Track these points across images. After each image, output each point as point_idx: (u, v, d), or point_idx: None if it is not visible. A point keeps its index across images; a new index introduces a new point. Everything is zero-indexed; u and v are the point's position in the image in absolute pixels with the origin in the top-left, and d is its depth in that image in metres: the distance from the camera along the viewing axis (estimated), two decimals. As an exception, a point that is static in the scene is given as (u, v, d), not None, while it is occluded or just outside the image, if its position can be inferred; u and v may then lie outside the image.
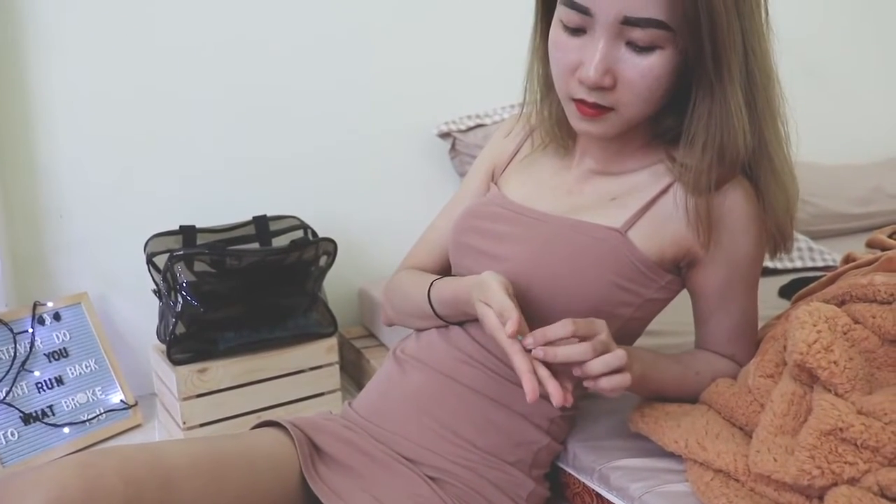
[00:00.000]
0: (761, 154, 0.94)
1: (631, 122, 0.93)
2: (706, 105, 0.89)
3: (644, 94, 0.89)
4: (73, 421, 1.59)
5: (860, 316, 0.92)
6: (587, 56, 0.88)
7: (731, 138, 0.89)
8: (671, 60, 0.87)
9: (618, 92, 0.89)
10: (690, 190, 0.94)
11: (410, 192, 2.06)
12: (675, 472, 0.95)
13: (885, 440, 0.78)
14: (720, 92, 0.88)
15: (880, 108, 2.73)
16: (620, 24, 0.85)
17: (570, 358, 0.84)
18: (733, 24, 0.85)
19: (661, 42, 0.86)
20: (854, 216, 2.28)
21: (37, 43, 1.64)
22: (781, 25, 0.94)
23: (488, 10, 2.04)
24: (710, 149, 0.90)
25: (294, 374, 1.66)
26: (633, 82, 0.88)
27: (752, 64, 0.88)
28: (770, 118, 0.93)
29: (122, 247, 1.75)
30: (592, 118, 0.92)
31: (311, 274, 1.67)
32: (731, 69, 0.86)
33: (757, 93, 0.90)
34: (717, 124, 0.89)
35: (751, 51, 0.88)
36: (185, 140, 1.81)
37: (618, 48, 0.87)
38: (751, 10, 0.87)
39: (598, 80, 0.87)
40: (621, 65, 0.87)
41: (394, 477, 0.96)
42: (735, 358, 1.05)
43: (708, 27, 0.84)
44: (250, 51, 1.84)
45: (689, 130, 0.92)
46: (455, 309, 1.01)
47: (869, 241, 1.48)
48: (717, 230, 0.96)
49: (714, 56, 0.86)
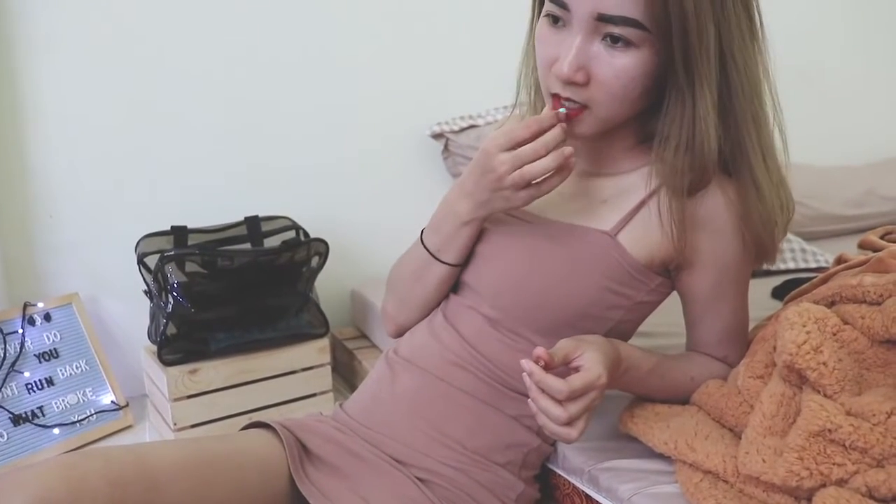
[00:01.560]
0: (741, 163, 0.93)
1: (607, 121, 0.93)
2: (678, 108, 0.89)
3: (618, 94, 0.89)
4: (63, 422, 1.59)
5: (849, 317, 0.92)
6: (563, 51, 0.89)
7: (700, 143, 0.89)
8: (647, 61, 0.87)
9: (591, 89, 0.89)
10: (666, 191, 0.93)
11: (403, 193, 2.05)
12: (665, 473, 0.95)
13: (873, 441, 0.78)
14: (689, 96, 0.88)
15: (874, 110, 2.73)
16: (596, 21, 0.86)
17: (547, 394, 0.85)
18: (706, 30, 0.84)
19: (636, 41, 0.86)
20: (847, 218, 2.28)
21: (28, 46, 1.64)
22: (774, 27, 0.94)
23: (481, 11, 2.04)
24: (682, 151, 0.90)
25: (286, 375, 1.65)
26: (606, 81, 0.88)
27: (732, 71, 0.88)
28: (752, 128, 0.91)
29: (113, 247, 1.74)
30: (568, 119, 0.92)
31: (302, 275, 1.67)
32: (701, 74, 0.86)
33: (735, 101, 0.89)
34: (687, 128, 0.89)
35: (730, 58, 0.87)
36: (176, 140, 1.80)
37: (594, 45, 0.88)
38: (729, 17, 0.86)
39: (570, 76, 0.88)
40: (596, 62, 0.88)
41: (382, 478, 0.96)
42: (727, 360, 1.05)
43: (679, 30, 0.84)
44: (242, 53, 1.84)
45: (663, 132, 0.92)
46: (448, 222, 1.00)
47: (861, 242, 1.48)
48: (701, 233, 0.96)
49: (684, 59, 0.86)
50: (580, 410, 0.84)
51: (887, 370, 0.87)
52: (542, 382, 0.83)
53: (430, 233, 1.04)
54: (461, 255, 1.02)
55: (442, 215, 1.02)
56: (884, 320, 0.88)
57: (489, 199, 0.94)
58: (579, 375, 0.85)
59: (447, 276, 1.04)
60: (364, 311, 1.91)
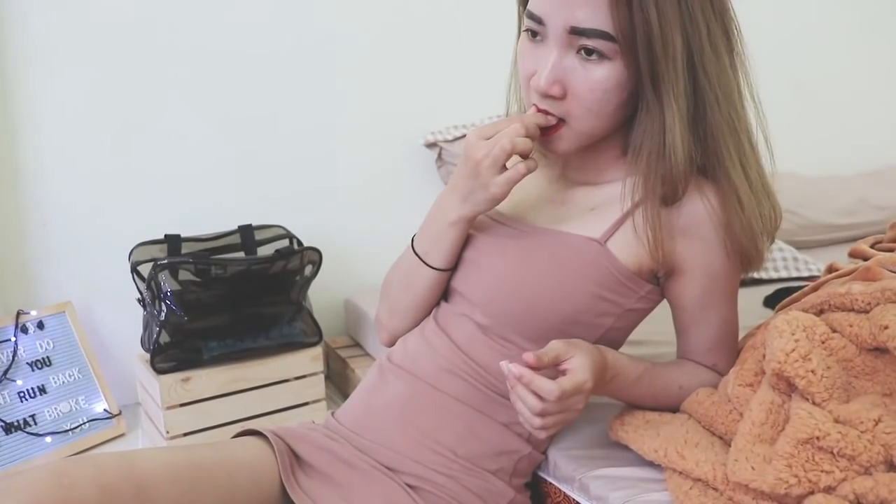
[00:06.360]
0: (719, 172, 0.94)
1: (585, 135, 0.94)
2: (648, 119, 0.91)
3: (594, 108, 0.91)
4: (55, 430, 1.58)
5: (838, 325, 0.92)
6: (541, 65, 0.91)
7: (668, 154, 0.90)
8: (620, 73, 0.89)
9: (568, 102, 0.91)
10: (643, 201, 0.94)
11: (397, 202, 2.06)
12: (656, 480, 0.95)
13: (861, 449, 0.78)
14: (657, 107, 0.89)
15: (867, 118, 2.75)
16: (569, 34, 0.88)
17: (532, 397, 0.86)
18: (672, 41, 0.85)
19: (609, 53, 0.87)
20: (839, 227, 2.28)
21: (22, 53, 1.64)
22: (766, 37, 0.95)
23: (474, 21, 2.05)
24: (653, 161, 0.91)
25: (279, 384, 1.65)
26: (581, 95, 0.90)
27: (703, 82, 0.89)
28: (729, 138, 0.92)
29: (106, 255, 1.75)
30: (548, 136, 0.94)
31: (295, 283, 1.67)
32: (668, 85, 0.87)
33: (708, 111, 0.90)
34: (657, 139, 0.90)
35: (700, 69, 0.88)
36: (171, 149, 1.80)
37: (570, 58, 0.90)
38: (699, 29, 0.87)
39: (546, 89, 0.90)
40: (571, 75, 0.90)
41: (373, 485, 0.96)
42: (717, 368, 1.05)
43: (644, 41, 0.85)
44: (237, 61, 1.84)
45: (636, 142, 0.94)
46: (436, 222, 1.01)
47: (851, 251, 1.48)
48: (685, 241, 0.96)
49: (651, 71, 0.87)
50: (559, 410, 0.87)
51: (875, 378, 0.88)
52: (532, 384, 0.85)
53: (419, 236, 1.06)
54: (448, 259, 1.03)
55: (431, 217, 1.04)
56: (871, 328, 0.88)
57: (471, 189, 0.96)
58: (568, 378, 0.86)
59: (436, 282, 1.05)
60: (357, 320, 1.91)
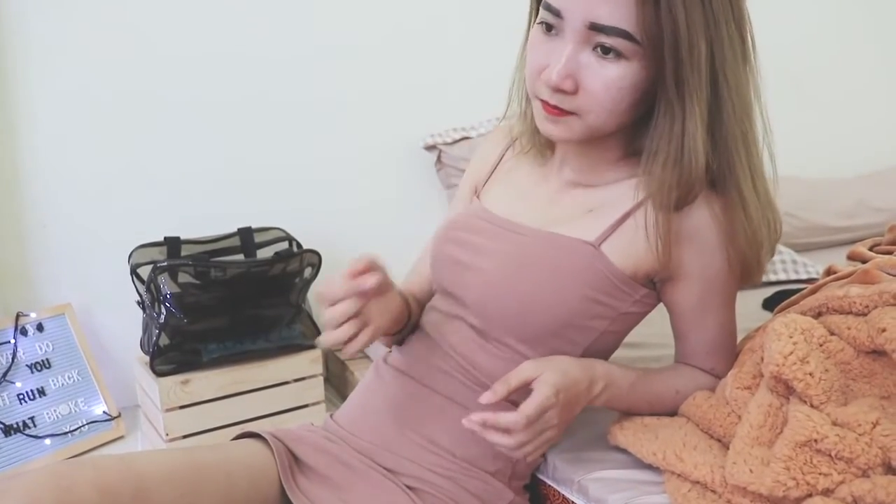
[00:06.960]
0: (729, 181, 0.93)
1: (595, 130, 0.93)
2: (667, 123, 0.90)
3: (607, 105, 0.89)
4: (55, 432, 1.58)
5: (836, 327, 0.92)
6: (554, 58, 0.89)
7: (687, 158, 0.89)
8: (636, 74, 0.88)
9: (580, 98, 0.90)
10: (652, 204, 0.94)
11: (396, 204, 2.06)
12: (654, 483, 0.95)
13: (858, 451, 0.78)
14: (679, 111, 0.88)
15: (867, 120, 2.75)
16: (588, 30, 0.87)
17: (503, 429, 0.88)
18: (698, 46, 0.85)
19: (627, 53, 0.86)
20: (838, 229, 2.28)
21: (21, 54, 1.64)
22: (766, 37, 0.94)
23: (474, 24, 2.06)
24: (670, 166, 0.90)
25: (278, 386, 1.65)
26: (595, 92, 0.89)
27: (723, 89, 0.88)
28: (742, 147, 0.92)
29: (106, 258, 1.75)
30: (556, 118, 0.92)
31: (295, 286, 1.67)
32: (691, 89, 0.87)
33: (725, 119, 0.90)
34: (676, 143, 0.90)
35: (721, 76, 0.88)
36: (170, 151, 1.81)
37: (585, 54, 0.88)
38: (722, 37, 0.86)
39: (558, 83, 0.88)
40: (585, 71, 0.88)
41: (372, 487, 0.96)
42: (714, 371, 1.05)
43: (671, 44, 0.84)
44: (238, 65, 1.85)
45: (651, 146, 0.92)
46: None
47: (850, 253, 1.48)
48: (687, 247, 0.96)
49: (675, 74, 0.86)
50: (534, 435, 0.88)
51: (872, 380, 0.88)
52: (497, 424, 0.86)
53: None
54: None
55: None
56: (869, 331, 0.89)
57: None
58: (529, 402, 0.87)
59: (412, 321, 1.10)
60: (357, 322, 1.91)
